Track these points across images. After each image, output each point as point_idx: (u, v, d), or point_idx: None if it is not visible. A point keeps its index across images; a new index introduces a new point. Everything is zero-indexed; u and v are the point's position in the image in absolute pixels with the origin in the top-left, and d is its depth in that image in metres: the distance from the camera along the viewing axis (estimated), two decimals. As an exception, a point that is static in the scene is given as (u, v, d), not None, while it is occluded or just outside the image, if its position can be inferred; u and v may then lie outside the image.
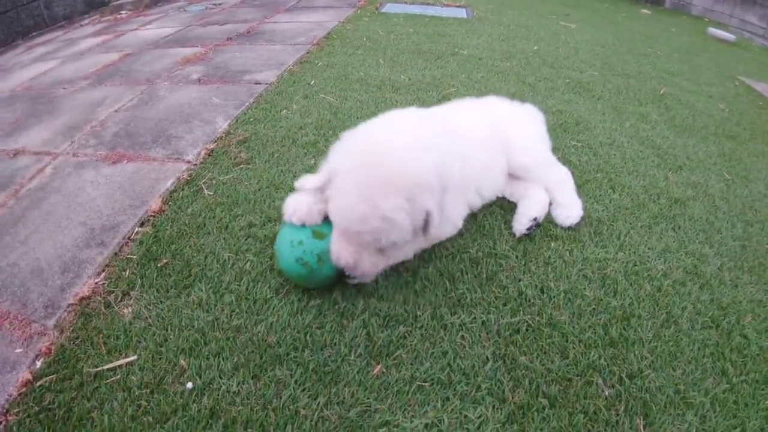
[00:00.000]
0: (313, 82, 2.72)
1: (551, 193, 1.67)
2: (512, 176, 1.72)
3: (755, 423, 1.08)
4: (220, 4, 5.30)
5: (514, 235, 1.57)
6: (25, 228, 1.66)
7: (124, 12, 5.43)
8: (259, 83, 2.75)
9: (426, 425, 1.03)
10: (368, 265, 1.21)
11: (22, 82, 3.31)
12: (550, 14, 5.01)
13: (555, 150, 2.09)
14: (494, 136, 1.65)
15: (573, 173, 1.85)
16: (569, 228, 1.61)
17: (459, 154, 1.41)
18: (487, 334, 1.24)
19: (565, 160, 2.02)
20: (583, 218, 1.64)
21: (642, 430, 1.05)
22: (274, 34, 3.84)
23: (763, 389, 1.16)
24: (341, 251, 1.18)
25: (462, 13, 4.59)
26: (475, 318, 1.27)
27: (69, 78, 3.20)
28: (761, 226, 1.78)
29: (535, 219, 1.55)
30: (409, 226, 1.14)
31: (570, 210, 1.63)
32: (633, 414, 1.08)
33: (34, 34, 4.97)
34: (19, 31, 4.84)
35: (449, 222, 1.43)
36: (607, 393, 1.12)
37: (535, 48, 3.65)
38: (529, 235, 1.57)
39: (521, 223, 1.56)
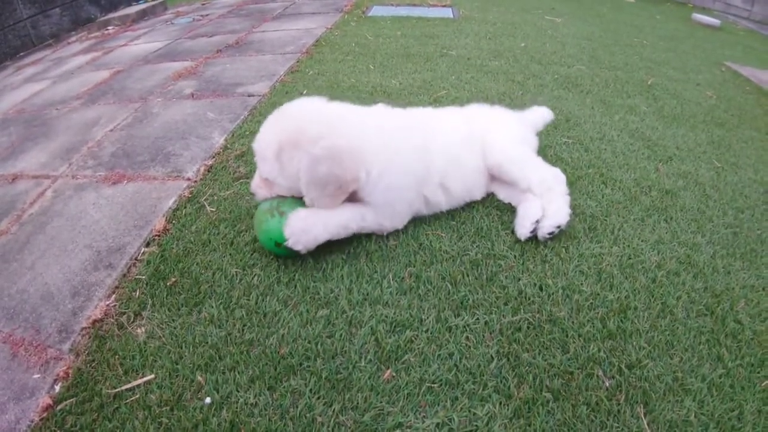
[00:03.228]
0: (305, 91, 2.75)
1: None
2: (503, 180, 1.75)
3: (752, 405, 1.13)
4: (206, 15, 5.31)
5: (519, 239, 1.57)
6: (31, 254, 1.69)
7: (111, 27, 5.44)
8: (252, 95, 2.78)
9: (437, 425, 1.07)
10: (259, 187, 1.52)
11: (15, 104, 3.32)
12: (536, 9, 5.05)
13: (547, 147, 2.14)
14: (473, 138, 1.71)
15: (565, 170, 1.89)
16: (551, 233, 1.56)
17: (415, 146, 1.56)
18: (491, 333, 1.28)
19: (556, 158, 2.07)
20: (567, 224, 1.59)
21: (643, 417, 1.09)
22: (263, 44, 3.87)
23: (758, 372, 1.21)
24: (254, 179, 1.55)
25: (448, 13, 4.63)
26: (478, 319, 1.32)
27: (61, 98, 3.22)
28: (752, 212, 1.83)
29: (537, 221, 1.56)
30: (275, 167, 1.41)
31: (546, 219, 1.55)
32: (633, 403, 1.12)
33: (22, 54, 4.97)
34: (7, 52, 4.84)
35: (393, 213, 1.56)
36: (607, 384, 1.16)
37: (523, 45, 3.70)
38: (532, 238, 1.58)
39: (524, 227, 1.56)
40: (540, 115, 2.09)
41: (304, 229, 1.40)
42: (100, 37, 5.08)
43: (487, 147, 1.71)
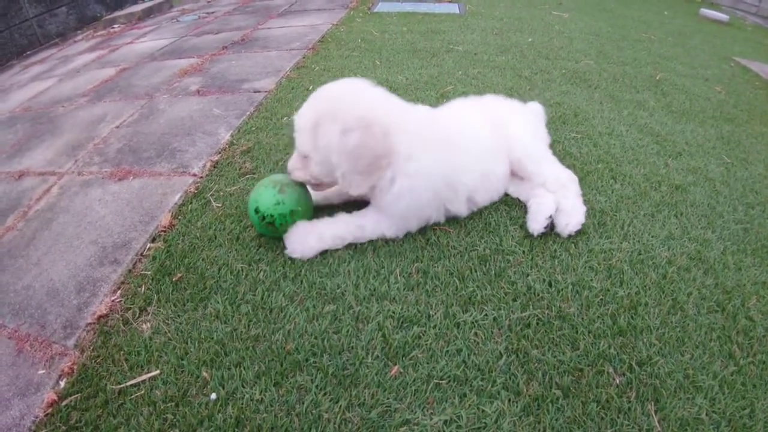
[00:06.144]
0: (311, 87, 2.74)
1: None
2: (516, 176, 1.74)
3: (764, 403, 1.11)
4: (212, 13, 5.31)
5: (532, 234, 1.56)
6: (37, 250, 1.69)
7: (117, 26, 5.45)
8: (258, 91, 2.77)
9: (445, 422, 1.06)
10: (296, 168, 1.49)
11: (21, 102, 3.33)
12: (542, 4, 5.01)
13: (555, 142, 2.12)
14: (496, 138, 1.69)
15: (574, 165, 1.87)
16: (577, 231, 1.56)
17: (445, 164, 1.51)
18: (499, 329, 1.27)
19: (565, 152, 2.05)
20: (583, 224, 1.59)
21: (653, 415, 1.07)
22: (268, 40, 3.86)
23: (771, 370, 1.19)
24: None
25: (454, 9, 4.60)
26: (486, 315, 1.30)
27: (67, 96, 3.22)
28: (762, 208, 1.80)
29: (550, 217, 1.54)
30: (310, 139, 1.39)
31: (570, 217, 1.57)
32: (644, 400, 1.10)
33: (28, 53, 4.99)
34: (14, 51, 4.86)
35: (405, 225, 1.54)
36: (618, 381, 1.14)
37: (530, 40, 3.67)
38: (545, 234, 1.56)
39: (538, 222, 1.55)
40: (538, 110, 2.08)
41: (301, 241, 1.48)
42: (106, 35, 5.08)
43: (508, 141, 1.70)
